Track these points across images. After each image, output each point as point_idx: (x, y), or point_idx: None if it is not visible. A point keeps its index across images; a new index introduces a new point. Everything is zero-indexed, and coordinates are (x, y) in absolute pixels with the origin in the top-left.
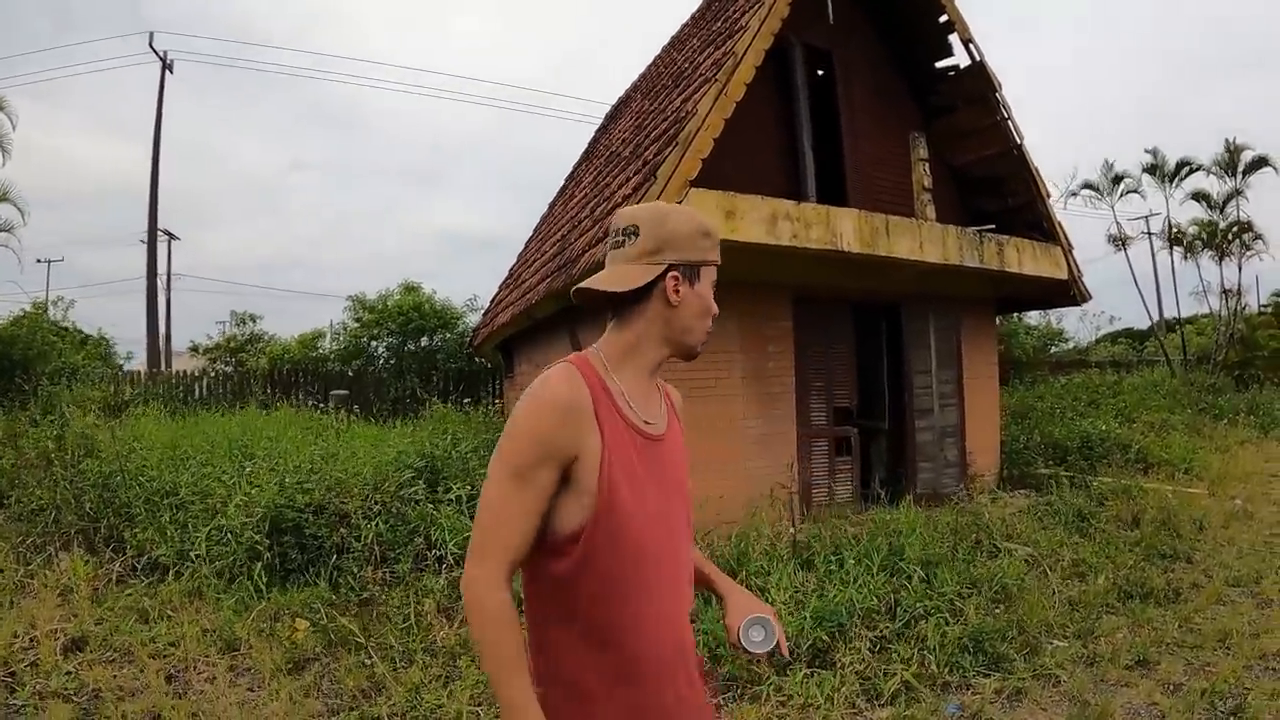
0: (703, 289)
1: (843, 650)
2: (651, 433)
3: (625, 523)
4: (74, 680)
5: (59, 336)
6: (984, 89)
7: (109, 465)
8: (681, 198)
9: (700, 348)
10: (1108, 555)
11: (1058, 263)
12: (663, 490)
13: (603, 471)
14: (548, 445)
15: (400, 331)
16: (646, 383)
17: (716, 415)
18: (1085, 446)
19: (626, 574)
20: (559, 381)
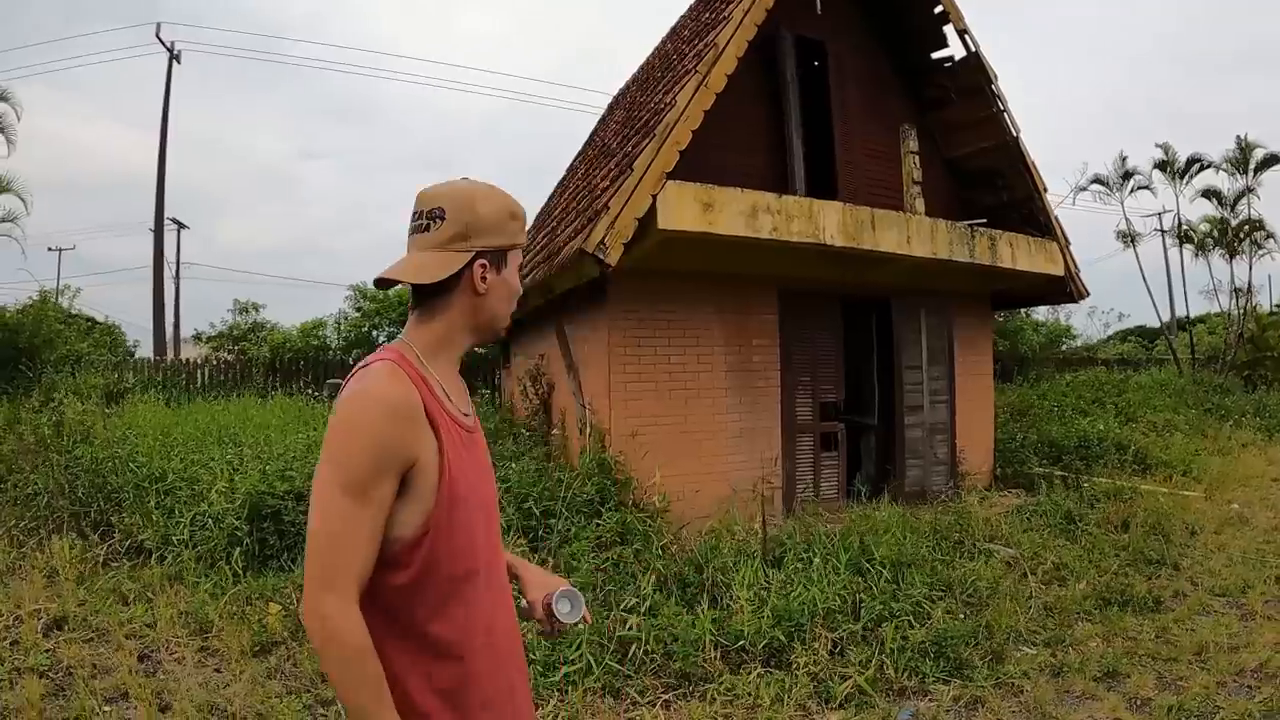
0: (509, 274)
1: (799, 651)
2: (468, 424)
3: (464, 521)
4: (51, 658)
5: (65, 324)
6: (979, 80)
7: (101, 452)
8: (658, 190)
9: (503, 330)
10: (1091, 559)
11: (1053, 258)
12: (485, 483)
13: (443, 473)
14: (387, 453)
15: (401, 321)
16: (454, 372)
17: (697, 409)
18: (1082, 446)
19: (467, 572)
20: (388, 382)
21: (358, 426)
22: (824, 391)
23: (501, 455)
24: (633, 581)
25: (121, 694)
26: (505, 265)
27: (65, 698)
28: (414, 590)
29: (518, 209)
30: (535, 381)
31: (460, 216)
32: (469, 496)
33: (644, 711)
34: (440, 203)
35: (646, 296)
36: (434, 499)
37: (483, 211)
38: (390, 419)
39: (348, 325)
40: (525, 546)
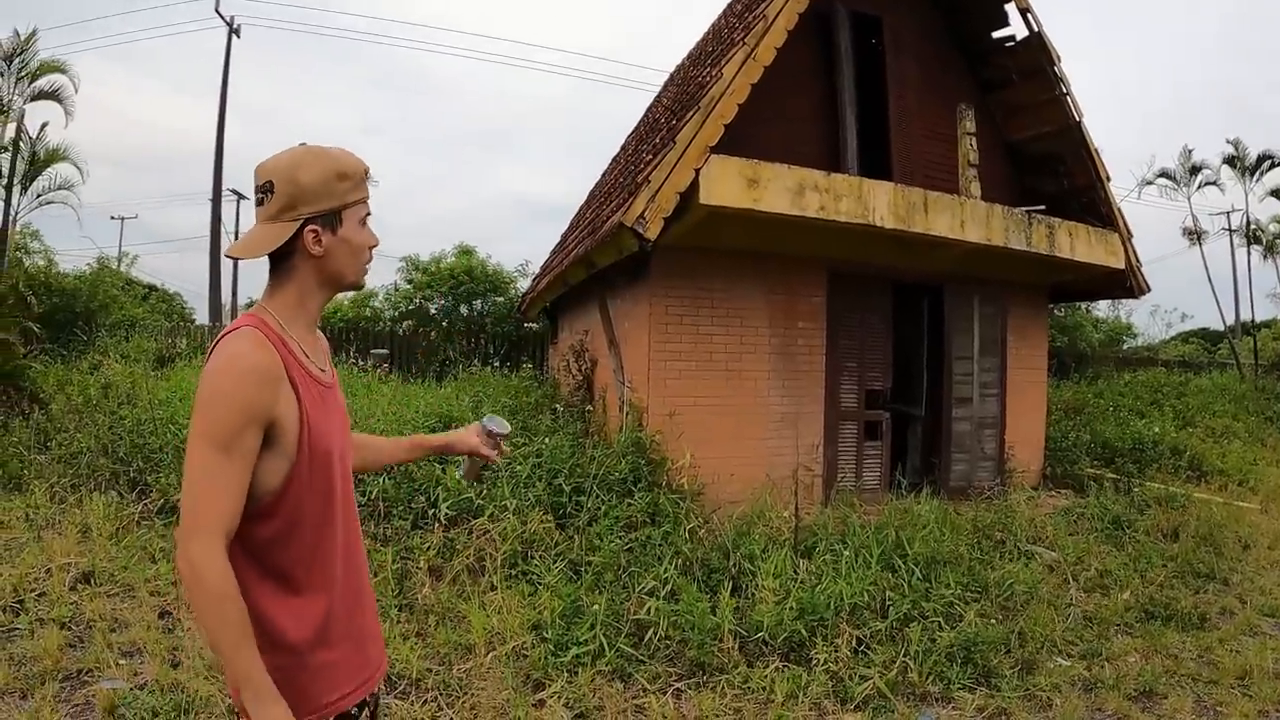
0: (348, 231)
1: (821, 647)
2: (325, 380)
3: (323, 472)
4: (74, 610)
5: (122, 290)
6: (1041, 61)
7: (144, 413)
8: (702, 164)
9: (363, 279)
10: (1137, 568)
11: (1114, 251)
12: (340, 434)
13: (302, 428)
14: (249, 411)
15: (451, 294)
16: (312, 332)
17: (738, 390)
18: (1136, 448)
19: (328, 518)
20: (249, 345)
21: (223, 388)
22: (871, 378)
23: (537, 430)
24: (657, 564)
25: (137, 649)
26: (341, 225)
27: (83, 649)
28: (282, 537)
29: (348, 168)
30: (578, 357)
31: (285, 188)
32: (327, 449)
33: (653, 699)
34: (268, 176)
35: (690, 273)
36: (296, 452)
37: (305, 179)
38: (252, 380)
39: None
40: (552, 523)
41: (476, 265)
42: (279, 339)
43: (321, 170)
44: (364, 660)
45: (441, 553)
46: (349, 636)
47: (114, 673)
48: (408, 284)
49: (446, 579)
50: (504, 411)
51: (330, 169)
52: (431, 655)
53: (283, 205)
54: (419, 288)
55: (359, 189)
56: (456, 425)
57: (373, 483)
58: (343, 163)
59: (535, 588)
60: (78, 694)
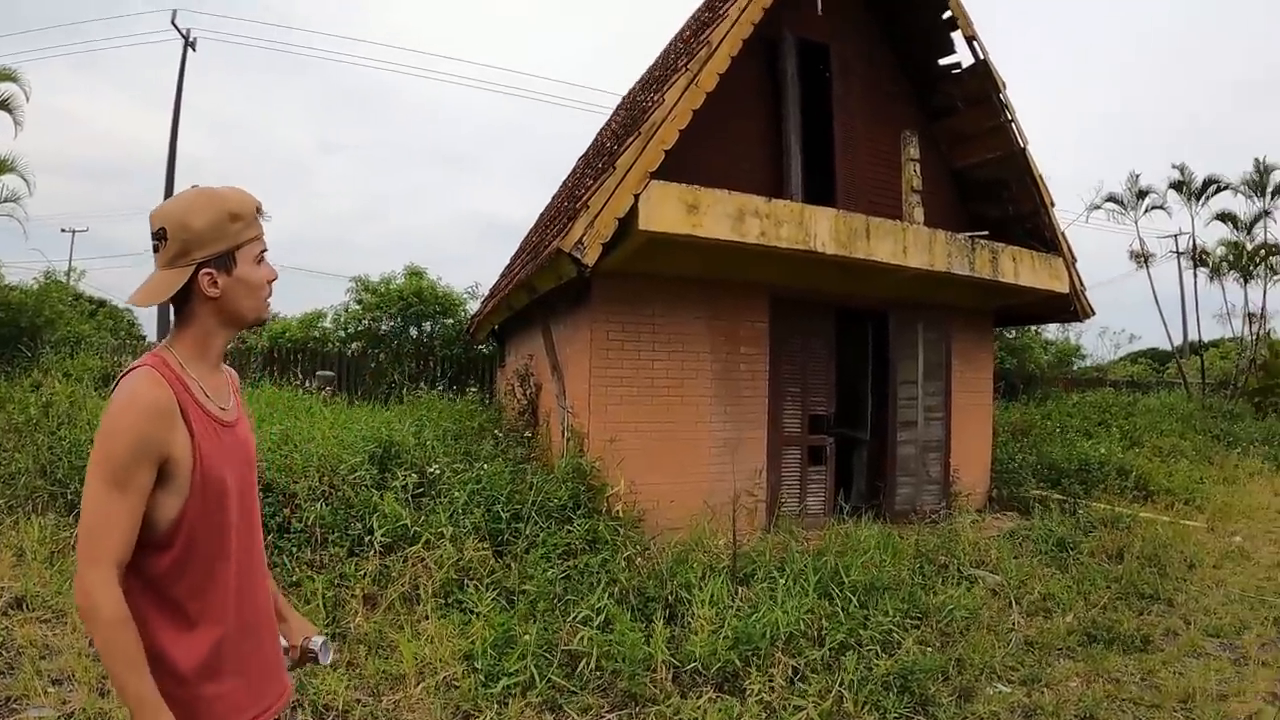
0: (243, 271)
1: (755, 677)
2: (226, 419)
3: (217, 507)
4: (5, 636)
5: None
6: (987, 89)
7: (83, 434)
8: (641, 189)
9: (266, 315)
10: (1080, 591)
11: (1058, 275)
12: (240, 471)
13: (195, 465)
14: (143, 447)
15: (401, 315)
16: (216, 371)
17: (680, 416)
18: (1083, 469)
19: (222, 552)
20: (145, 385)
21: (117, 425)
22: (814, 403)
23: (478, 455)
24: (592, 592)
25: (67, 676)
26: (235, 265)
27: (11, 676)
28: (176, 570)
29: (239, 208)
30: (523, 382)
31: (177, 234)
32: (221, 485)
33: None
34: (161, 223)
35: (631, 299)
36: (189, 488)
37: (197, 225)
38: (145, 418)
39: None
40: (489, 550)
41: (426, 287)
42: (177, 378)
43: (212, 213)
44: (260, 693)
45: (376, 580)
46: (242, 670)
47: (42, 700)
48: (357, 305)
49: (380, 607)
50: (446, 437)
51: (221, 211)
52: (361, 686)
53: (176, 251)
54: (369, 309)
55: (251, 227)
56: (397, 449)
57: (309, 509)
58: (233, 203)
59: (469, 617)
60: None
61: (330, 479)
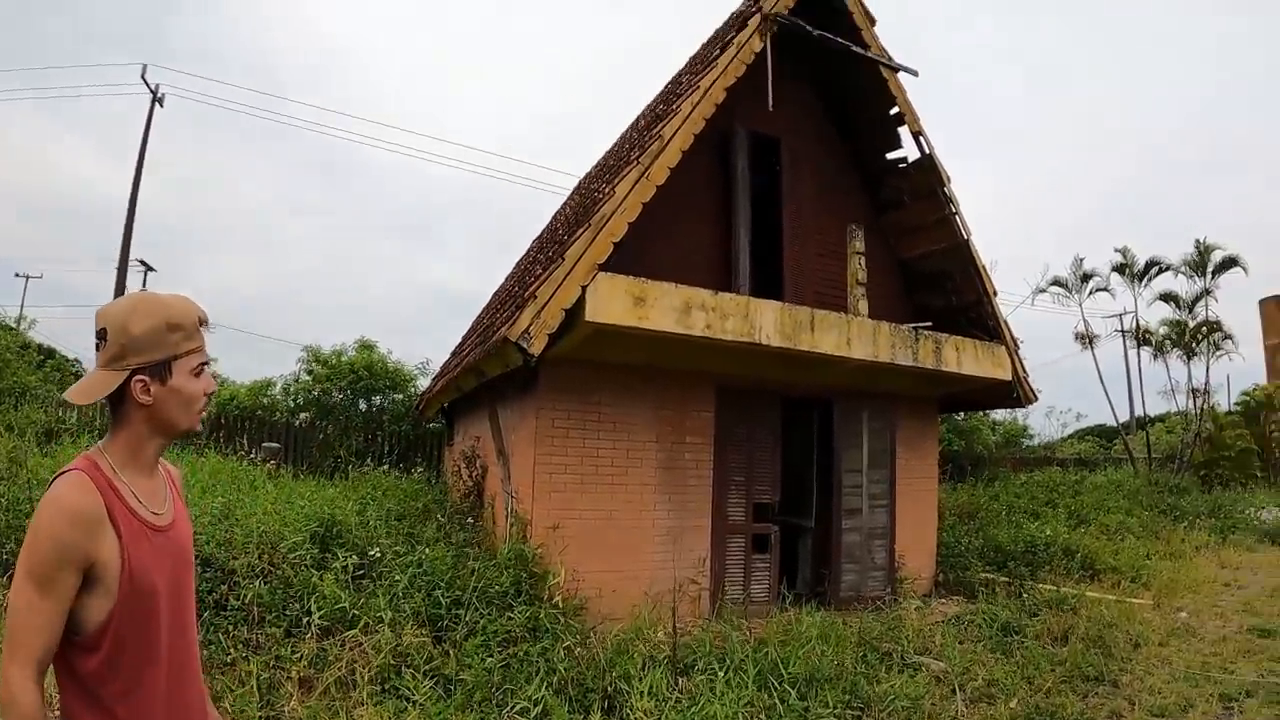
0: (178, 381)
1: None
2: (160, 524)
3: (144, 612)
4: None
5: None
6: (932, 183)
7: (21, 492)
8: (589, 281)
9: (197, 425)
10: (1025, 675)
11: (1000, 363)
12: (173, 574)
13: (123, 570)
14: (66, 553)
15: (350, 389)
16: (150, 475)
17: (624, 504)
18: (1029, 551)
19: (149, 657)
20: (72, 491)
21: (43, 529)
22: (759, 492)
23: (420, 538)
24: (529, 683)
25: None
26: (171, 375)
27: None
28: (103, 672)
29: (182, 318)
30: (469, 463)
31: (116, 338)
32: (150, 590)
33: None
34: (104, 324)
35: (577, 387)
36: (117, 591)
37: (136, 331)
38: (71, 524)
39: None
40: (428, 636)
41: (377, 361)
42: (107, 483)
43: (153, 321)
44: None
45: (313, 663)
46: None
47: None
48: (308, 375)
49: (316, 691)
50: (390, 517)
51: (161, 320)
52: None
53: (113, 354)
54: (319, 379)
55: (191, 339)
56: (339, 529)
57: (248, 587)
58: (175, 312)
59: (405, 705)
60: None
61: (270, 556)
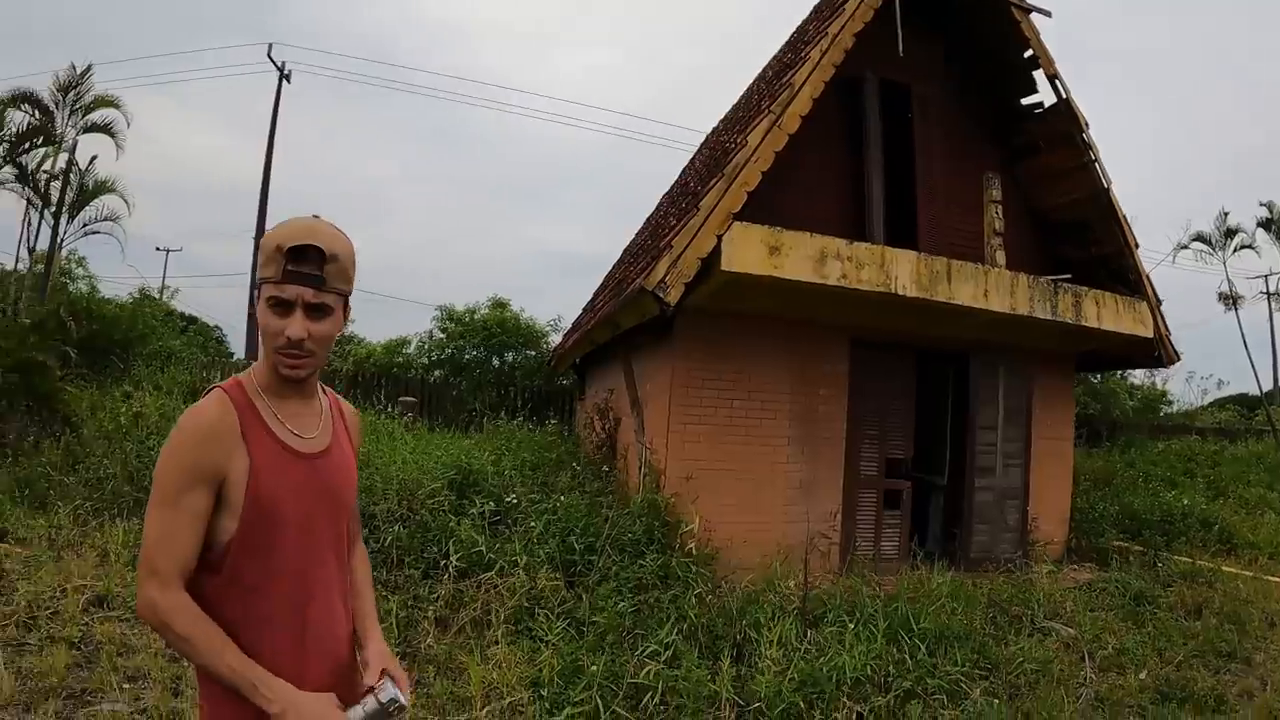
0: (260, 310)
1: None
2: (304, 449)
3: (266, 539)
4: (85, 631)
5: (161, 322)
6: (1070, 128)
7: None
8: (724, 230)
9: (282, 370)
10: (1155, 647)
11: (1143, 319)
12: (311, 503)
13: (248, 491)
14: (194, 469)
15: (484, 345)
16: (300, 398)
17: (756, 456)
18: (1165, 520)
19: (270, 586)
20: (205, 408)
21: (173, 447)
22: (892, 447)
23: (555, 487)
24: (661, 627)
25: (142, 674)
26: (259, 299)
27: (89, 670)
28: (221, 594)
29: (264, 244)
30: (602, 416)
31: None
32: (277, 516)
33: None
34: None
35: (712, 338)
36: (240, 512)
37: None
38: (201, 439)
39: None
40: (561, 580)
41: (509, 318)
42: (247, 402)
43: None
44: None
45: (449, 604)
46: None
47: (117, 695)
48: (442, 333)
49: (451, 630)
50: (525, 467)
51: (265, 242)
52: (429, 705)
53: None
54: (453, 338)
55: (266, 266)
56: (475, 477)
57: (387, 530)
58: (269, 236)
59: (538, 645)
60: (79, 713)
61: (409, 502)
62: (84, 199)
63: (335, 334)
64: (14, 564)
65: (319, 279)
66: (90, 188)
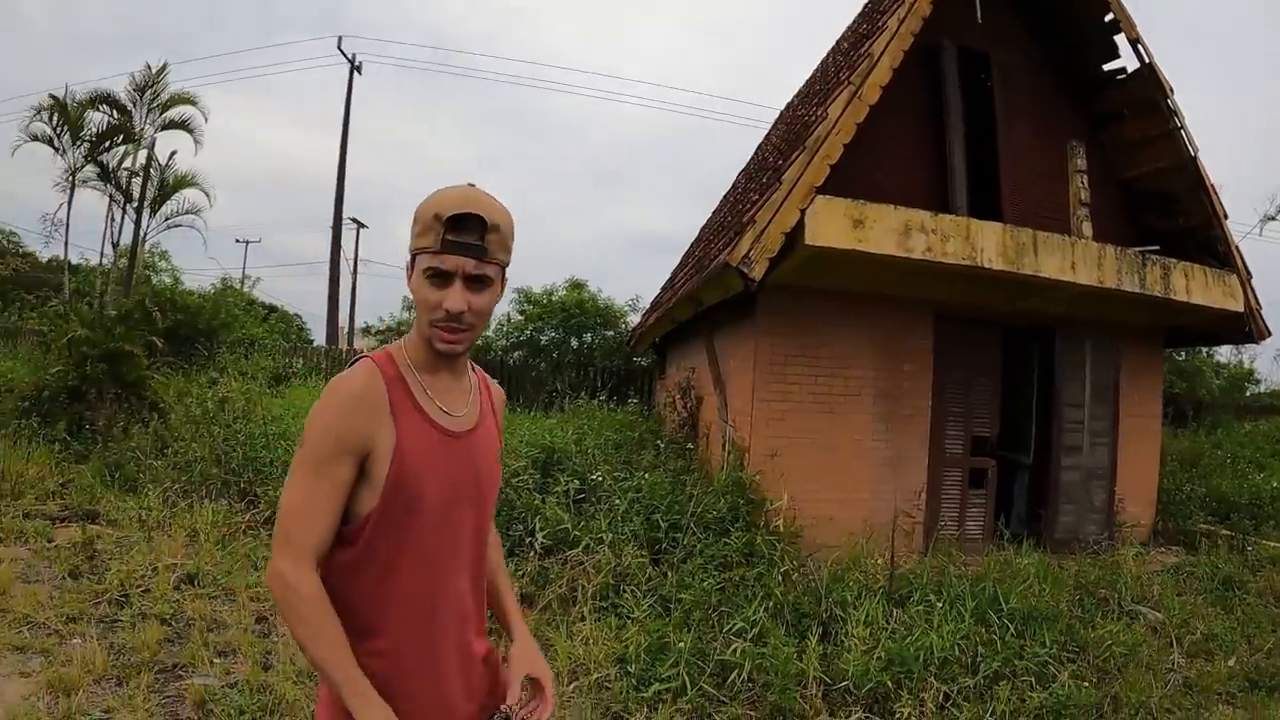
0: (413, 281)
1: (905, 700)
2: (452, 427)
3: (408, 517)
4: (175, 608)
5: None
6: (1154, 94)
7: (257, 428)
8: (807, 204)
9: (437, 344)
10: (1244, 633)
11: (1233, 292)
12: (457, 484)
13: (394, 462)
14: (342, 439)
15: (562, 326)
16: (450, 374)
17: (840, 433)
18: (1254, 504)
19: (402, 564)
20: (357, 376)
21: (321, 413)
22: (977, 424)
23: (638, 465)
24: (747, 605)
25: (232, 649)
26: (414, 270)
27: (180, 645)
28: (354, 568)
29: (421, 213)
30: (684, 394)
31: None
32: (423, 495)
33: None
34: None
35: (795, 314)
36: (382, 486)
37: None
38: (350, 409)
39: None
40: (646, 557)
41: (587, 299)
42: (396, 375)
43: (420, 211)
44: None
45: (535, 581)
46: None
47: (207, 670)
48: (520, 315)
49: (538, 606)
50: (607, 446)
51: (422, 210)
52: None
53: None
54: (531, 319)
55: (422, 236)
56: (559, 456)
57: None
58: (424, 206)
59: (624, 621)
60: (170, 686)
61: None
62: (165, 194)
63: (494, 306)
64: (106, 544)
65: (480, 249)
66: (170, 183)
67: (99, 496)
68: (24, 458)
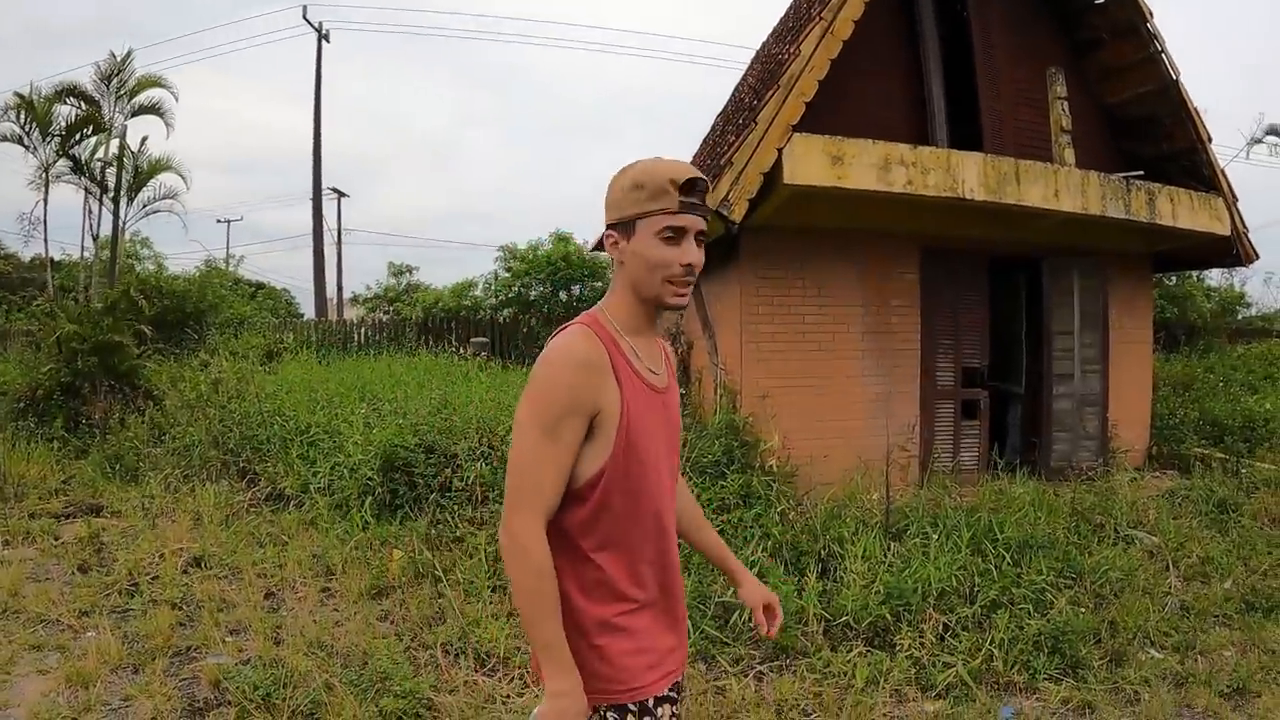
0: (638, 243)
1: (905, 632)
2: (657, 385)
3: (637, 470)
4: (185, 592)
5: (230, 290)
6: (1134, 18)
7: (252, 406)
8: (784, 143)
9: (670, 299)
10: (1240, 555)
11: (1218, 216)
12: (664, 439)
13: (622, 421)
14: (574, 400)
15: (549, 280)
16: (647, 336)
17: (831, 370)
18: (1247, 427)
19: (634, 516)
20: (580, 340)
21: (549, 377)
22: (967, 356)
23: None
24: (746, 546)
25: (243, 627)
26: (634, 234)
27: (192, 628)
28: (587, 523)
29: (645, 178)
30: (674, 340)
31: (606, 198)
32: (645, 447)
33: (733, 681)
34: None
35: (780, 254)
36: (613, 444)
37: (613, 189)
38: (579, 370)
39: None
40: None
41: (573, 251)
42: (610, 337)
43: (625, 180)
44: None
45: None
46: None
47: (220, 649)
48: (507, 272)
49: None
50: None
51: (628, 180)
52: (522, 635)
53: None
54: (518, 275)
55: (656, 199)
56: None
57: (470, 468)
58: (639, 172)
59: None
60: (185, 669)
61: (489, 439)
62: (140, 181)
63: None
64: (112, 536)
65: (706, 209)
66: (145, 169)
67: (101, 489)
68: (24, 459)
